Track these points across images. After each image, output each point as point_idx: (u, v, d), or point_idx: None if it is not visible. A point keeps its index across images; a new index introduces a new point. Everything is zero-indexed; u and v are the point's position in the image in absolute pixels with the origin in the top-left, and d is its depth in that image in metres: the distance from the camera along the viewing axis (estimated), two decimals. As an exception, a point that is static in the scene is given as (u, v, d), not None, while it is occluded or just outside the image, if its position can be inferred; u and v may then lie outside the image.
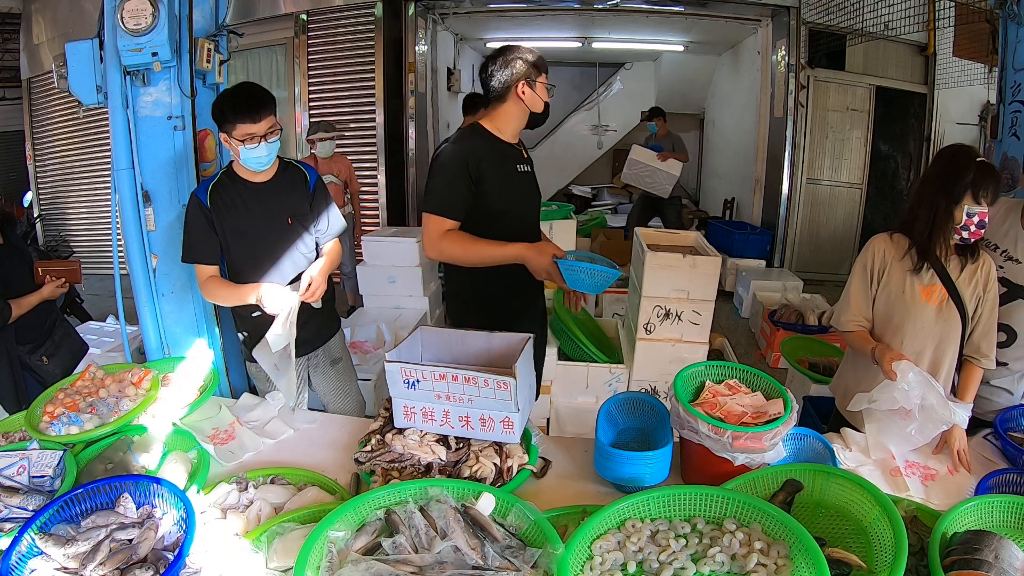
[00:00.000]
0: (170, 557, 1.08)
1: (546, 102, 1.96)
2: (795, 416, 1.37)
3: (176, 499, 1.17)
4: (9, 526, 1.16)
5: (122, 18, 1.89)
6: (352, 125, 5.37)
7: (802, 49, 5.26)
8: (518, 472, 1.41)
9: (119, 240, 2.18)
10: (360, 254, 4.05)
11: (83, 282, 2.53)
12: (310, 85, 5.48)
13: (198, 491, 1.35)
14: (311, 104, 5.50)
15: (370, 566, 1.02)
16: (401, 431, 1.49)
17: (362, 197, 5.01)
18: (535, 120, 1.99)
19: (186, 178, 2.06)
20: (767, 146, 5.84)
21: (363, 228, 4.84)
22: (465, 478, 1.36)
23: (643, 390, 2.65)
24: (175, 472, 1.38)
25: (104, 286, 5.26)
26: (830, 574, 0.97)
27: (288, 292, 1.82)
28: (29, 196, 6.80)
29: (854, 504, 1.21)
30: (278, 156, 1.95)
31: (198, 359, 1.90)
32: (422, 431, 1.49)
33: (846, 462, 1.55)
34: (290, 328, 1.81)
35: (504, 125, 1.95)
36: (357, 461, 1.44)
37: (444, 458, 1.43)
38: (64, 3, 5.84)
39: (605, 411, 1.58)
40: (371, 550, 1.10)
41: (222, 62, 2.18)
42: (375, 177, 5.45)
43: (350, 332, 3.33)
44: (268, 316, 1.81)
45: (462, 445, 1.47)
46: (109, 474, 1.31)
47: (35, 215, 6.69)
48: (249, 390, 2.41)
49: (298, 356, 1.93)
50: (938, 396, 1.51)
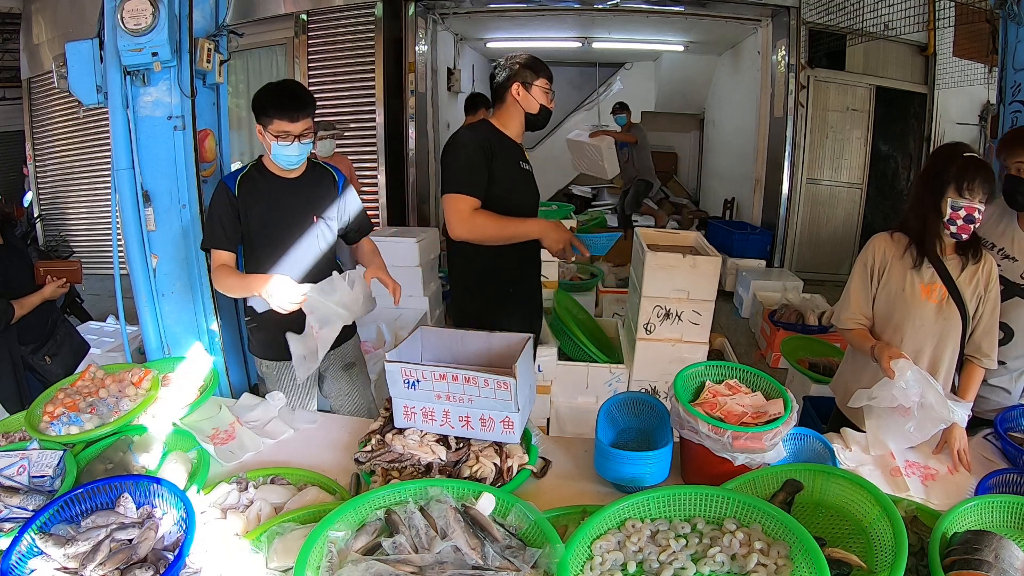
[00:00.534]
0: (170, 557, 1.08)
1: (544, 106, 2.00)
2: (795, 416, 1.37)
3: (176, 499, 1.17)
4: (9, 526, 1.16)
5: (122, 18, 1.89)
6: (352, 125, 5.37)
7: (802, 49, 5.27)
8: (518, 472, 1.41)
9: (119, 240, 2.18)
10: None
11: (83, 282, 2.53)
12: (310, 85, 5.47)
13: (198, 491, 1.35)
14: (311, 104, 5.51)
15: (370, 566, 1.02)
16: (401, 431, 1.49)
17: (362, 197, 4.98)
18: (534, 122, 2.03)
19: (186, 178, 2.06)
20: (767, 146, 5.84)
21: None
22: (465, 478, 1.36)
23: (643, 390, 2.65)
24: (175, 472, 1.38)
25: (104, 286, 5.27)
26: (830, 574, 0.97)
27: (298, 288, 1.76)
28: (29, 196, 6.80)
29: (854, 504, 1.21)
30: (308, 157, 1.95)
31: (198, 359, 1.90)
32: (422, 431, 1.49)
33: (846, 462, 1.55)
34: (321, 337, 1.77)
35: (505, 124, 2.02)
36: (357, 461, 1.44)
37: (444, 458, 1.43)
38: (64, 3, 5.85)
39: (605, 411, 1.59)
40: (371, 550, 1.10)
41: (222, 62, 2.18)
42: (375, 177, 5.46)
43: (350, 332, 3.31)
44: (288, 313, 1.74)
45: (462, 445, 1.47)
46: (109, 474, 1.31)
47: (35, 215, 6.70)
48: (250, 390, 2.42)
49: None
50: (937, 394, 1.51)
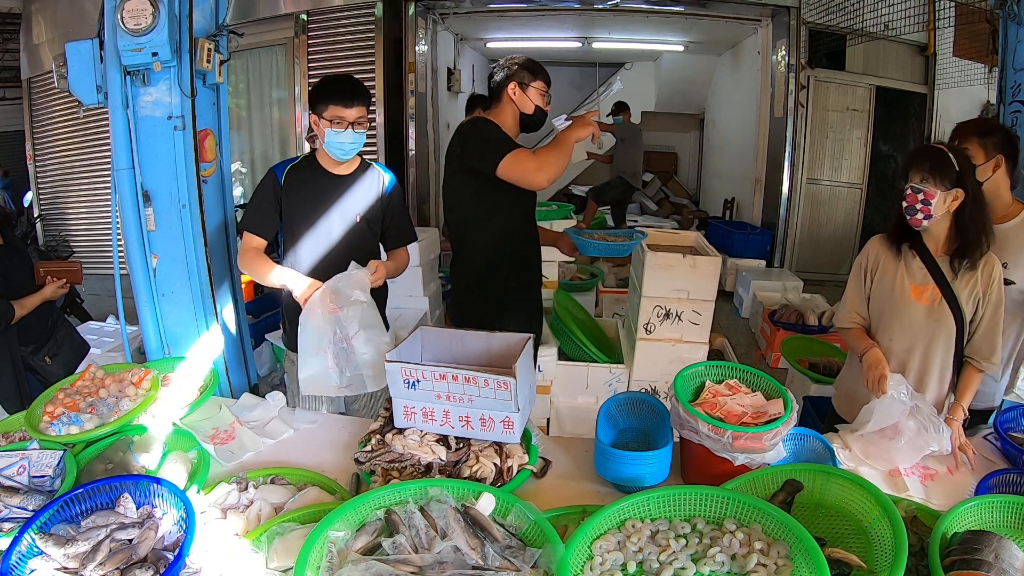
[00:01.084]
0: (170, 557, 1.08)
1: (539, 108, 2.01)
2: (795, 416, 1.37)
3: (176, 499, 1.17)
4: (9, 526, 1.16)
5: (122, 18, 1.89)
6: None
7: (802, 49, 5.27)
8: (518, 472, 1.41)
9: (119, 240, 2.18)
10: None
11: (83, 282, 2.53)
12: (310, 85, 5.48)
13: (198, 491, 1.35)
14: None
15: (370, 566, 1.02)
16: (401, 431, 1.49)
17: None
18: (528, 123, 2.04)
19: (186, 178, 2.05)
20: (767, 146, 5.84)
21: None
22: (465, 478, 1.36)
23: (643, 390, 2.65)
24: (175, 472, 1.38)
25: (104, 286, 5.26)
26: (830, 574, 0.97)
27: (314, 284, 1.75)
28: (29, 196, 6.80)
29: (854, 504, 1.21)
30: (360, 156, 1.95)
31: (198, 359, 1.90)
32: (422, 431, 1.49)
33: (846, 462, 1.55)
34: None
35: (501, 123, 2.03)
36: (357, 461, 1.44)
37: (444, 458, 1.43)
38: (64, 3, 5.85)
39: (605, 411, 1.59)
40: (371, 550, 1.10)
41: (222, 62, 2.17)
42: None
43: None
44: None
45: (462, 445, 1.47)
46: (109, 474, 1.31)
47: (35, 215, 6.70)
48: (250, 390, 2.42)
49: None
50: (929, 417, 1.53)
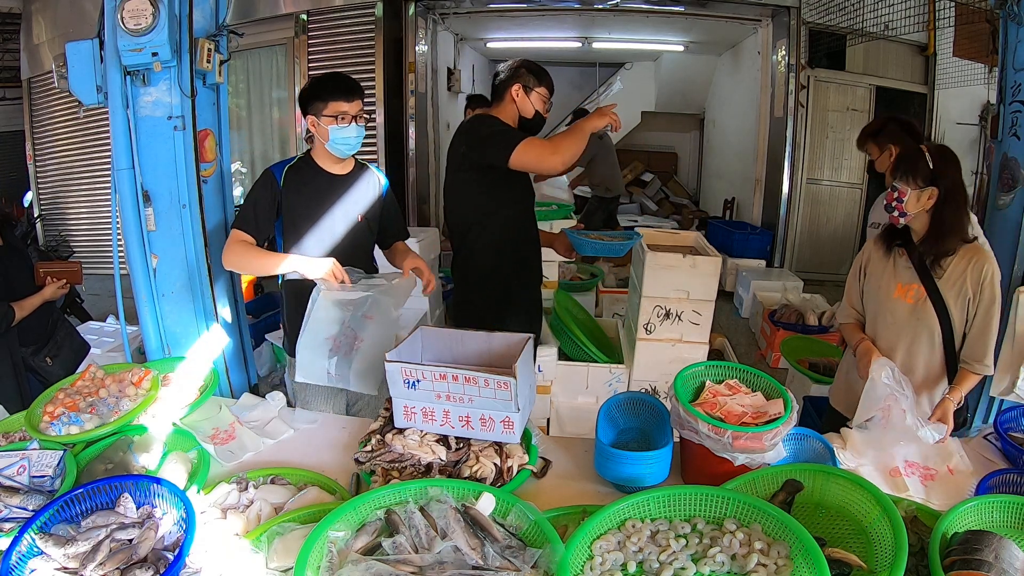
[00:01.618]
0: (170, 557, 1.08)
1: (539, 112, 2.04)
2: (795, 416, 1.37)
3: (176, 499, 1.17)
4: (9, 526, 1.16)
5: (122, 18, 1.89)
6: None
7: (802, 49, 5.26)
8: (518, 472, 1.41)
9: (119, 240, 2.18)
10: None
11: (83, 282, 2.53)
12: (309, 86, 5.48)
13: (198, 491, 1.35)
14: (311, 104, 5.51)
15: (370, 566, 1.02)
16: (401, 431, 1.49)
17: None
18: (527, 126, 2.05)
19: (186, 178, 2.05)
20: (767, 146, 5.84)
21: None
22: (465, 478, 1.36)
23: (643, 390, 2.64)
24: (175, 472, 1.38)
25: (104, 286, 5.26)
26: (830, 574, 0.97)
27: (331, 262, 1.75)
28: (29, 196, 6.79)
29: (854, 504, 1.21)
30: (354, 157, 1.96)
31: (198, 359, 1.90)
32: (422, 431, 1.49)
33: (846, 462, 1.55)
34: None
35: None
36: (357, 461, 1.44)
37: (444, 458, 1.43)
38: (64, 3, 5.84)
39: (605, 411, 1.59)
40: (371, 550, 1.10)
41: (222, 62, 2.17)
42: (375, 177, 5.46)
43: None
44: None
45: (462, 445, 1.47)
46: (109, 474, 1.31)
47: (35, 215, 6.69)
48: (250, 390, 2.41)
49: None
50: (909, 407, 1.54)
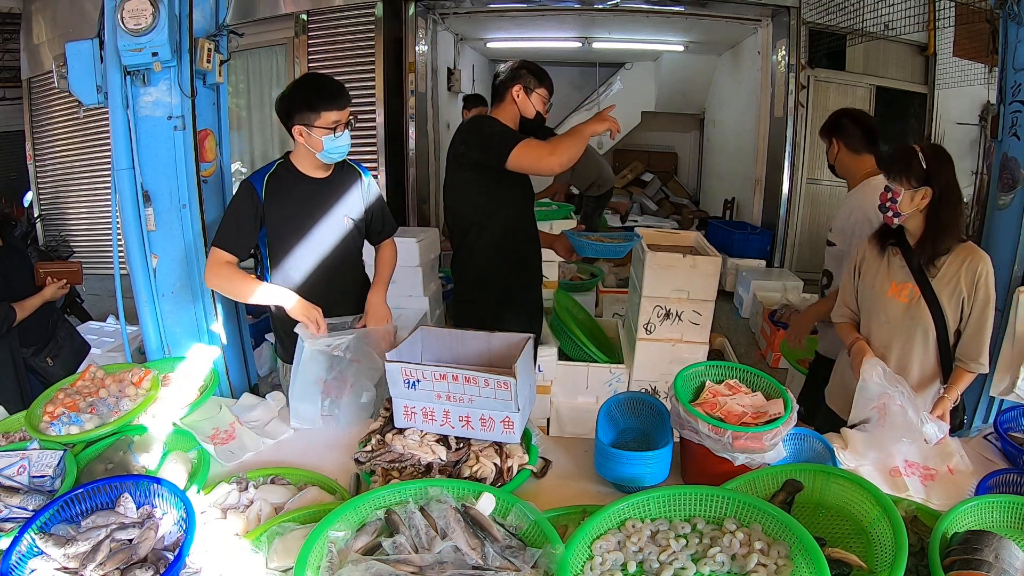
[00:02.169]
0: (170, 557, 1.08)
1: (539, 113, 2.04)
2: (795, 416, 1.37)
3: (176, 499, 1.17)
4: (9, 526, 1.16)
5: (122, 18, 1.89)
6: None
7: (802, 49, 5.26)
8: (518, 472, 1.41)
9: (119, 240, 2.18)
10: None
11: (83, 282, 2.53)
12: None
13: (198, 491, 1.35)
14: (311, 104, 5.51)
15: (370, 566, 1.02)
16: (401, 431, 1.49)
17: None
18: (526, 127, 2.05)
19: (186, 178, 2.05)
20: (767, 146, 5.84)
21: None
22: (465, 478, 1.36)
23: (643, 390, 2.64)
24: (175, 472, 1.38)
25: (104, 286, 5.26)
26: (830, 574, 0.97)
27: (304, 303, 1.77)
28: (29, 196, 6.79)
29: (854, 504, 1.21)
30: None
31: (198, 359, 1.90)
32: (422, 431, 1.49)
33: (846, 462, 1.55)
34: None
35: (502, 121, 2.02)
36: (357, 461, 1.44)
37: (444, 458, 1.43)
38: (64, 3, 5.84)
39: (605, 411, 1.59)
40: (371, 550, 1.10)
41: (222, 62, 2.17)
42: (375, 177, 5.44)
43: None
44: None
45: (462, 445, 1.47)
46: (109, 474, 1.31)
47: (35, 215, 6.69)
48: (250, 390, 2.41)
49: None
50: (907, 403, 1.53)
